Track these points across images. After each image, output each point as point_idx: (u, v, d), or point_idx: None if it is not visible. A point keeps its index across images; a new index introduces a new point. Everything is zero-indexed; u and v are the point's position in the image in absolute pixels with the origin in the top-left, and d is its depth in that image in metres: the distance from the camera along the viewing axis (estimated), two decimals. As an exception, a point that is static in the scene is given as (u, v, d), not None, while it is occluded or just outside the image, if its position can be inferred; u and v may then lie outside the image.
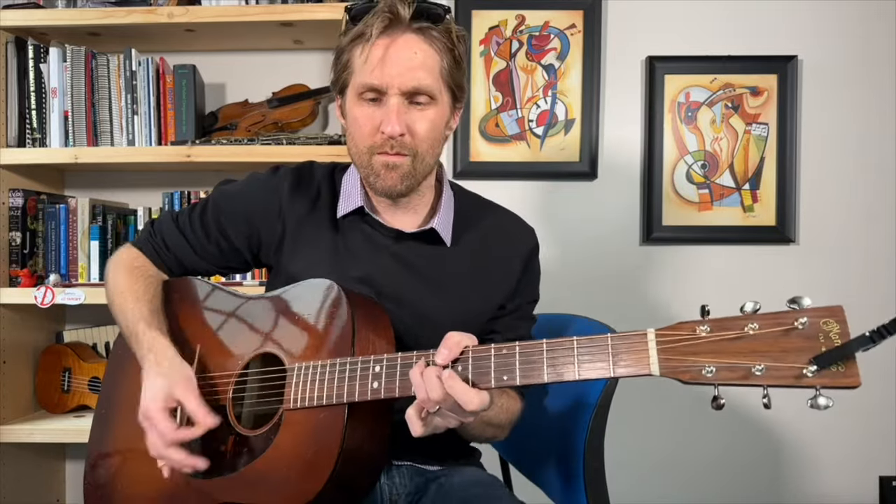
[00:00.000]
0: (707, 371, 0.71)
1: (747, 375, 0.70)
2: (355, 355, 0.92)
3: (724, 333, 0.72)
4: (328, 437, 0.91)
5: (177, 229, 1.16)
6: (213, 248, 1.15)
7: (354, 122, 1.03)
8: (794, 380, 0.69)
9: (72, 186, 2.11)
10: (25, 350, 1.95)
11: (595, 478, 1.05)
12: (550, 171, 2.03)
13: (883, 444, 2.01)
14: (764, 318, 0.71)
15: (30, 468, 1.95)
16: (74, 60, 1.87)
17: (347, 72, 1.03)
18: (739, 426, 2.01)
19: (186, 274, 1.18)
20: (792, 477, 2.03)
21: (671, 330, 0.74)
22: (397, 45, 0.98)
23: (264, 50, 2.08)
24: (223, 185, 1.19)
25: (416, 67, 0.98)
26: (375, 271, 1.07)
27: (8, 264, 1.87)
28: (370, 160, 1.02)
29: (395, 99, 0.99)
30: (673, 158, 2.02)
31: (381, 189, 1.03)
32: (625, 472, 2.00)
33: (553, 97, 2.04)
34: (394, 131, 0.98)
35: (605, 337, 0.78)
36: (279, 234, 1.11)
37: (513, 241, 1.14)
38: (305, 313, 1.01)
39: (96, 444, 1.14)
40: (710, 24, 2.02)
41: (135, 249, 1.17)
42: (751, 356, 0.70)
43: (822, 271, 2.01)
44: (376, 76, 0.98)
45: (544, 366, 0.80)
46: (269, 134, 1.92)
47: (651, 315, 2.01)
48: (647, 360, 0.75)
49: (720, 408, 0.73)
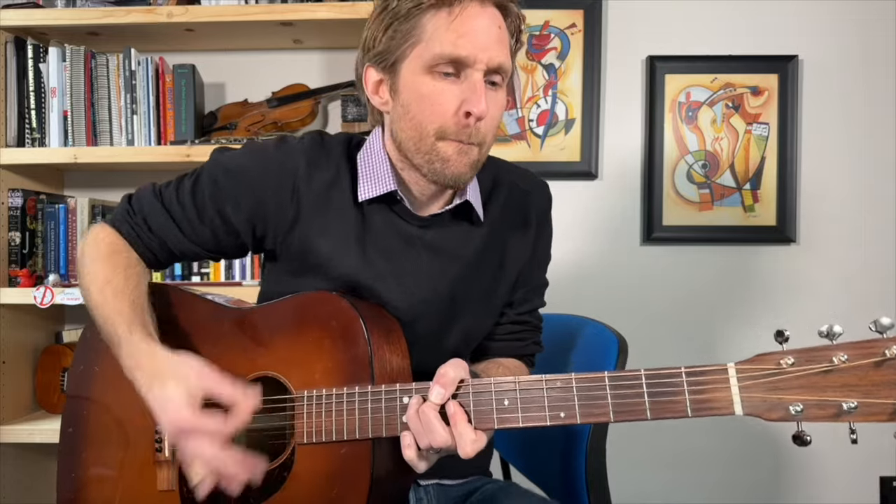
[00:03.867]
0: (794, 410, 0.66)
1: (838, 413, 0.65)
2: (376, 381, 0.83)
3: (811, 367, 0.66)
4: (354, 474, 0.82)
5: (162, 207, 0.99)
6: (205, 231, 0.99)
7: (423, 99, 0.88)
8: (889, 416, 0.64)
9: (71, 186, 2.11)
10: (25, 350, 1.94)
11: (597, 478, 1.05)
12: (550, 170, 2.03)
13: (883, 445, 2.00)
14: (851, 347, 0.66)
15: (30, 468, 1.95)
16: (74, 60, 1.87)
17: (412, 38, 0.88)
18: (740, 426, 2.00)
19: (171, 259, 1.03)
20: (792, 477, 2.03)
21: (753, 364, 0.69)
22: (485, 15, 0.88)
23: (264, 49, 2.07)
24: (219, 155, 1.01)
25: (500, 42, 0.89)
26: (408, 267, 0.97)
27: (7, 264, 1.87)
28: (435, 144, 0.89)
29: (479, 75, 0.87)
30: (673, 158, 2.02)
31: (451, 177, 0.90)
32: (625, 472, 2.00)
33: (553, 97, 2.04)
34: (482, 112, 0.86)
35: (679, 371, 0.71)
36: (291, 218, 0.96)
37: (529, 201, 1.06)
38: (311, 331, 0.88)
39: (71, 474, 0.98)
40: (711, 23, 2.02)
41: (110, 230, 1.01)
42: (841, 391, 0.66)
43: (822, 271, 2.00)
44: (463, 47, 0.86)
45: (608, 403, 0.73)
46: (268, 134, 1.93)
47: (651, 315, 2.00)
48: (730, 400, 0.68)
49: (805, 444, 0.68)
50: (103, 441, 0.98)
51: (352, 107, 1.97)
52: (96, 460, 0.97)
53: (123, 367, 0.88)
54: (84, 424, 0.99)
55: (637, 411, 0.72)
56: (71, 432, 1.00)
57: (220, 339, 0.96)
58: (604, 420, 0.73)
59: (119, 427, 0.97)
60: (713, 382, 0.69)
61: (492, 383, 0.78)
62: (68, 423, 1.01)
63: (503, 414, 0.77)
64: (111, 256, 0.97)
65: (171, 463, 0.92)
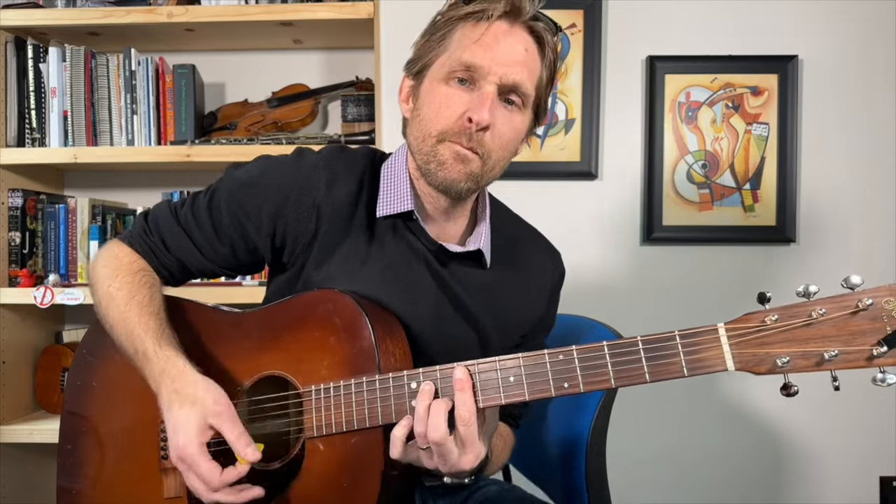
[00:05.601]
0: (781, 361, 0.71)
1: (820, 362, 0.71)
2: (382, 371, 0.84)
3: (794, 321, 0.72)
4: (366, 463, 0.83)
5: (178, 226, 0.99)
6: (225, 250, 1.00)
7: (433, 102, 0.90)
8: (866, 362, 0.70)
9: (71, 186, 2.11)
10: (25, 350, 1.94)
11: (596, 479, 1.05)
12: (550, 171, 2.03)
13: (883, 445, 2.01)
14: (828, 301, 0.71)
15: (30, 468, 1.95)
16: (74, 60, 1.87)
17: (439, 48, 0.92)
18: (741, 426, 2.00)
19: (188, 277, 1.04)
20: (792, 477, 2.03)
21: (740, 322, 0.73)
22: (513, 35, 0.90)
23: (264, 49, 2.08)
24: (234, 171, 1.00)
25: (522, 63, 0.90)
26: (416, 291, 0.97)
27: (7, 264, 1.87)
28: (435, 146, 0.90)
29: (492, 87, 0.88)
30: (673, 158, 2.02)
31: (441, 181, 0.91)
32: (625, 472, 2.00)
33: (553, 97, 2.04)
34: (482, 119, 0.87)
35: (673, 335, 0.75)
36: (310, 234, 0.96)
37: (543, 269, 1.07)
38: (314, 329, 0.89)
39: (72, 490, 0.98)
40: (711, 23, 2.02)
41: (127, 248, 1.01)
42: (822, 342, 0.71)
43: (822, 271, 2.00)
44: (480, 56, 0.88)
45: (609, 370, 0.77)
46: (268, 134, 1.92)
47: (652, 315, 2.00)
48: (722, 357, 0.73)
49: (793, 395, 0.73)
50: (106, 454, 0.98)
51: (352, 107, 1.97)
52: (98, 474, 0.98)
53: (149, 380, 0.89)
54: (84, 439, 0.99)
55: (636, 376, 0.76)
56: (70, 449, 1.00)
57: (225, 342, 0.96)
58: (605, 386, 0.77)
59: (122, 438, 0.97)
60: (705, 342, 0.74)
61: (496, 361, 0.80)
62: (67, 440, 1.01)
63: (510, 390, 0.79)
64: (133, 274, 0.97)
65: (178, 470, 0.92)
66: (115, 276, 0.96)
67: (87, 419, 1.00)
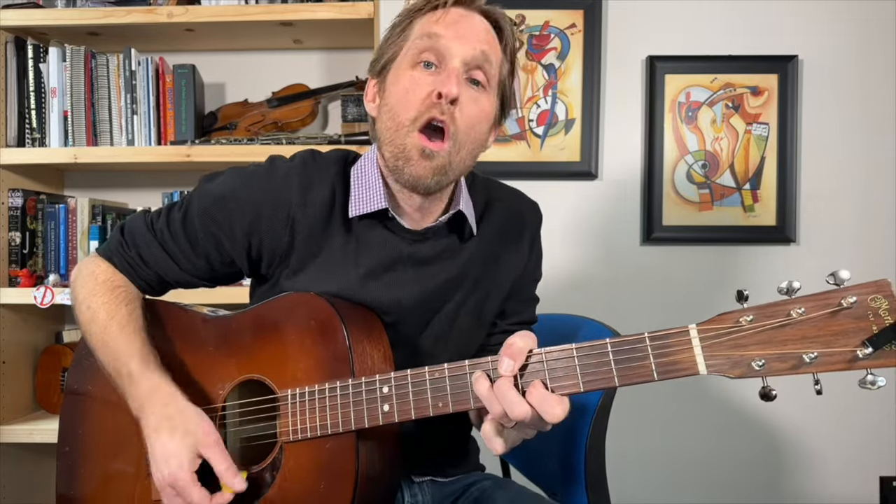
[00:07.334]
0: (756, 364, 0.67)
1: (798, 364, 0.66)
2: (356, 375, 0.84)
3: (770, 322, 0.67)
4: (340, 468, 0.83)
5: (154, 240, 0.99)
6: (200, 262, 1.00)
7: (400, 88, 0.91)
8: (848, 364, 0.65)
9: (71, 186, 2.11)
10: (25, 350, 1.94)
11: (596, 479, 1.05)
12: (550, 171, 2.03)
13: (883, 444, 2.01)
14: (809, 300, 0.67)
15: (30, 468, 1.95)
16: (74, 60, 1.87)
17: (400, 41, 0.93)
18: (741, 426, 2.01)
19: (167, 288, 1.04)
20: (792, 477, 2.03)
21: (713, 323, 0.69)
22: (471, 18, 0.92)
23: (264, 49, 2.08)
24: (207, 184, 1.00)
25: (483, 41, 0.91)
26: (399, 285, 0.97)
27: (7, 264, 1.87)
28: (405, 139, 0.89)
29: (458, 62, 0.89)
30: (673, 158, 2.02)
31: (409, 177, 0.90)
32: (625, 472, 2.00)
33: (553, 97, 2.04)
34: (450, 91, 0.86)
35: (643, 337, 0.71)
36: (285, 246, 0.96)
37: (522, 221, 1.08)
38: (291, 332, 0.89)
39: (70, 490, 1.00)
40: (711, 23, 2.02)
41: (105, 263, 1.00)
42: (800, 343, 0.66)
43: (822, 271, 1.99)
44: (443, 30, 0.90)
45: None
46: (268, 134, 1.92)
47: (652, 315, 2.00)
48: (693, 360, 0.69)
49: (771, 399, 0.68)
50: (100, 456, 0.99)
51: (352, 107, 1.97)
52: (92, 476, 0.99)
53: (130, 400, 0.90)
54: (80, 442, 1.01)
55: (606, 379, 0.73)
56: (68, 451, 1.02)
57: (203, 346, 0.96)
58: (575, 391, 0.74)
59: (115, 441, 0.98)
60: (676, 345, 0.70)
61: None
62: (65, 443, 1.02)
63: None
64: (111, 291, 0.97)
65: None
66: (93, 294, 0.97)
67: (83, 423, 1.01)
